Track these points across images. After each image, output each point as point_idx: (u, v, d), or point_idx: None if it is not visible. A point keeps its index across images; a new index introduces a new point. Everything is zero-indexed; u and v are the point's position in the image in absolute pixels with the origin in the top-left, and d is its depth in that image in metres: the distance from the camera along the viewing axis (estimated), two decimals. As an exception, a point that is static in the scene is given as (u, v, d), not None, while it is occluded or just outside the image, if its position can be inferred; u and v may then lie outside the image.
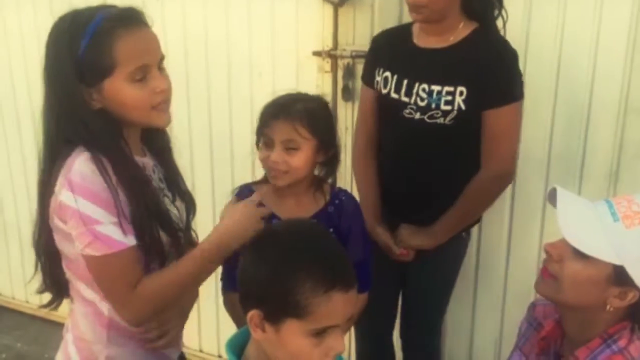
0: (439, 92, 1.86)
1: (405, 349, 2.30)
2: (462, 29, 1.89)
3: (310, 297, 1.09)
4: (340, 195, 1.78)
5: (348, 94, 2.40)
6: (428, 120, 1.89)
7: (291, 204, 1.70)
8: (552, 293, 1.39)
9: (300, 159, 1.62)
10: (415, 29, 1.98)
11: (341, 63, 2.41)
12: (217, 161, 2.75)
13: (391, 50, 2.01)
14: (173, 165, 1.60)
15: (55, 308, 1.56)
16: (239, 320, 1.70)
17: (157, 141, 1.56)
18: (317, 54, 2.43)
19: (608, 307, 1.31)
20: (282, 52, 2.51)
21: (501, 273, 2.38)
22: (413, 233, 2.02)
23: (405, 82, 1.92)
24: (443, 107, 1.86)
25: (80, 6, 1.39)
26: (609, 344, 1.32)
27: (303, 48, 2.46)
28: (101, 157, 1.33)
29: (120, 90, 1.33)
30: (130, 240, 1.34)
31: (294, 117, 1.61)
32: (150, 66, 1.36)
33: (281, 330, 1.12)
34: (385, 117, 2.01)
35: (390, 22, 2.24)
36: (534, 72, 2.11)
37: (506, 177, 1.98)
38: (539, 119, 2.16)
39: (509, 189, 2.24)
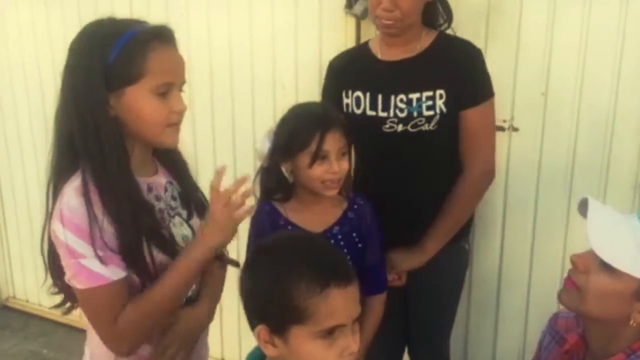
0: (419, 99, 1.86)
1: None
2: (425, 38, 1.93)
3: (307, 299, 1.08)
4: (357, 200, 1.82)
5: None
6: (412, 130, 1.88)
7: (315, 214, 1.74)
8: (575, 304, 1.38)
9: (348, 163, 1.71)
10: (374, 45, 1.99)
11: (363, 75, 2.43)
12: (240, 173, 2.77)
13: (355, 69, 1.98)
14: (189, 180, 1.58)
15: (68, 311, 1.55)
16: None
17: (170, 157, 1.54)
18: (337, 66, 2.45)
19: (632, 322, 1.30)
20: (305, 64, 2.54)
21: (524, 282, 2.37)
22: (403, 256, 1.95)
23: (379, 97, 1.89)
24: (425, 112, 1.87)
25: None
26: (632, 359, 1.31)
27: (326, 60, 2.46)
28: (90, 186, 1.31)
29: (141, 100, 1.33)
30: (115, 274, 1.33)
31: (337, 124, 1.68)
32: (175, 85, 1.37)
33: (290, 341, 1.11)
34: (362, 137, 1.90)
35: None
36: (558, 83, 2.12)
37: (492, 173, 1.98)
38: (563, 129, 2.16)
39: (532, 199, 2.25)
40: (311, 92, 2.51)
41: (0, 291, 3.77)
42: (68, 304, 1.53)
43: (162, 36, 1.36)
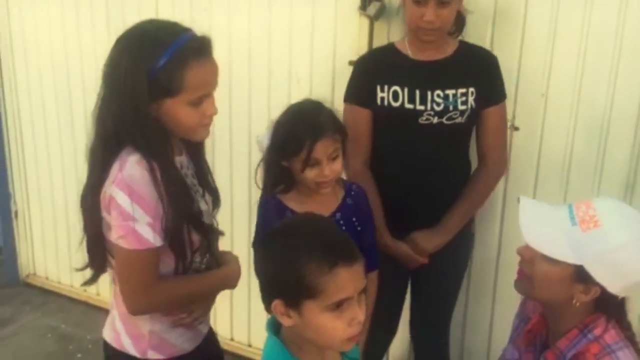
0: (454, 95, 2.07)
1: (417, 348, 2.43)
2: (452, 43, 2.13)
3: (318, 277, 1.19)
4: (352, 187, 1.98)
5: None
6: (447, 122, 2.09)
7: (316, 203, 1.86)
8: (526, 291, 1.55)
9: (340, 162, 1.83)
10: (402, 46, 2.15)
11: (375, 72, 2.56)
12: (254, 162, 2.90)
13: (388, 66, 2.14)
14: (205, 162, 1.75)
15: (94, 281, 1.72)
16: None
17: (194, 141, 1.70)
18: (353, 63, 2.57)
19: (575, 301, 1.45)
20: (320, 61, 2.67)
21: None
22: (428, 237, 2.15)
23: (417, 92, 2.07)
24: (460, 107, 2.08)
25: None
26: (585, 334, 1.46)
27: (340, 57, 2.62)
28: (153, 163, 1.47)
29: (178, 111, 1.49)
30: (157, 242, 1.50)
31: (328, 129, 1.79)
32: (209, 93, 1.54)
33: (303, 313, 1.23)
34: (398, 128, 2.12)
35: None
36: (557, 85, 2.26)
37: (505, 165, 2.23)
38: (560, 128, 2.30)
39: (530, 194, 2.38)
40: (325, 87, 2.65)
41: (21, 268, 3.93)
42: (95, 275, 1.70)
43: (202, 50, 1.51)
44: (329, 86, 2.66)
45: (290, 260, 1.23)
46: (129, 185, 1.46)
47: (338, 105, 2.12)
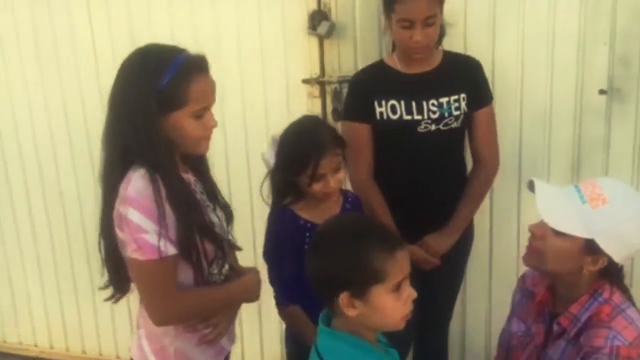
0: (448, 102, 2.23)
1: (417, 347, 2.55)
2: (436, 54, 2.29)
3: (383, 261, 1.34)
4: (349, 194, 2.13)
5: (337, 115, 2.64)
6: (443, 128, 2.24)
7: (323, 210, 1.97)
8: (537, 264, 1.72)
9: (343, 173, 1.96)
10: (392, 62, 2.29)
11: (329, 88, 2.68)
12: (232, 185, 2.88)
13: (382, 82, 2.27)
14: (211, 179, 1.82)
15: (117, 301, 1.75)
16: (298, 329, 1.98)
17: (195, 158, 1.76)
18: (306, 81, 2.69)
19: (584, 271, 1.64)
20: (272, 82, 2.75)
21: (486, 256, 2.72)
22: (439, 239, 2.27)
23: (413, 103, 2.22)
24: (454, 112, 2.24)
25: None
26: (595, 297, 1.65)
27: (292, 77, 2.71)
28: (156, 175, 1.54)
29: (183, 122, 1.58)
30: (170, 250, 1.55)
31: (330, 145, 1.91)
32: (209, 106, 1.63)
33: (370, 299, 1.35)
34: (399, 139, 2.25)
35: (371, 51, 2.58)
36: (502, 85, 2.50)
37: (498, 163, 2.37)
38: (509, 122, 2.53)
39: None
40: (279, 107, 2.73)
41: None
42: (117, 295, 1.74)
43: (202, 66, 1.61)
44: (284, 106, 2.74)
45: (357, 252, 1.35)
46: (136, 198, 1.52)
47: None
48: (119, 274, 1.67)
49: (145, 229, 1.52)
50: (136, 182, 1.53)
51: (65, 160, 3.19)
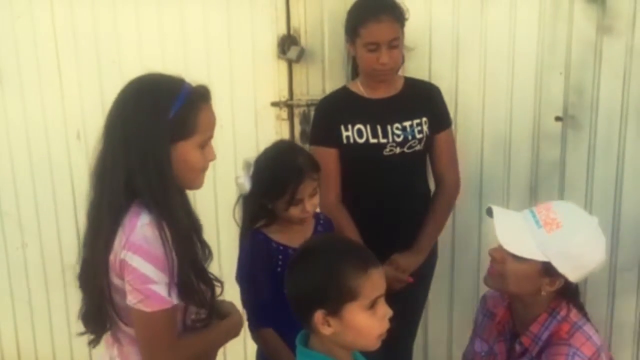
0: (411, 126, 2.32)
1: None
2: (398, 80, 2.39)
3: (356, 280, 1.37)
4: (320, 216, 2.17)
5: (305, 137, 2.71)
6: (408, 151, 2.33)
7: (295, 232, 2.00)
8: (498, 286, 1.82)
9: (318, 197, 2.00)
10: (356, 88, 2.37)
11: (297, 111, 2.75)
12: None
13: (348, 107, 2.34)
14: (195, 215, 1.77)
15: (96, 345, 1.72)
16: (271, 351, 2.00)
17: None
18: (275, 104, 2.75)
19: (542, 292, 1.73)
20: (241, 104, 2.79)
21: (447, 274, 2.79)
22: (407, 257, 2.34)
23: (378, 127, 2.30)
24: (417, 135, 2.33)
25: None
26: (554, 316, 1.75)
27: (261, 100, 2.76)
28: (162, 222, 1.50)
29: (190, 152, 1.56)
30: (175, 299, 1.53)
31: (309, 169, 1.95)
32: (211, 137, 1.63)
33: (344, 317, 1.38)
34: (364, 162, 2.32)
35: (339, 76, 2.66)
36: (464, 111, 2.61)
37: (459, 184, 2.47)
38: (471, 146, 2.64)
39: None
40: (248, 129, 2.78)
41: None
42: (96, 340, 1.71)
43: (207, 96, 1.60)
44: (252, 131, 2.79)
45: (331, 270, 1.40)
46: (143, 247, 1.49)
47: (263, 146, 2.14)
48: (100, 314, 1.62)
49: (154, 280, 1.49)
50: (145, 231, 1.49)
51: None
